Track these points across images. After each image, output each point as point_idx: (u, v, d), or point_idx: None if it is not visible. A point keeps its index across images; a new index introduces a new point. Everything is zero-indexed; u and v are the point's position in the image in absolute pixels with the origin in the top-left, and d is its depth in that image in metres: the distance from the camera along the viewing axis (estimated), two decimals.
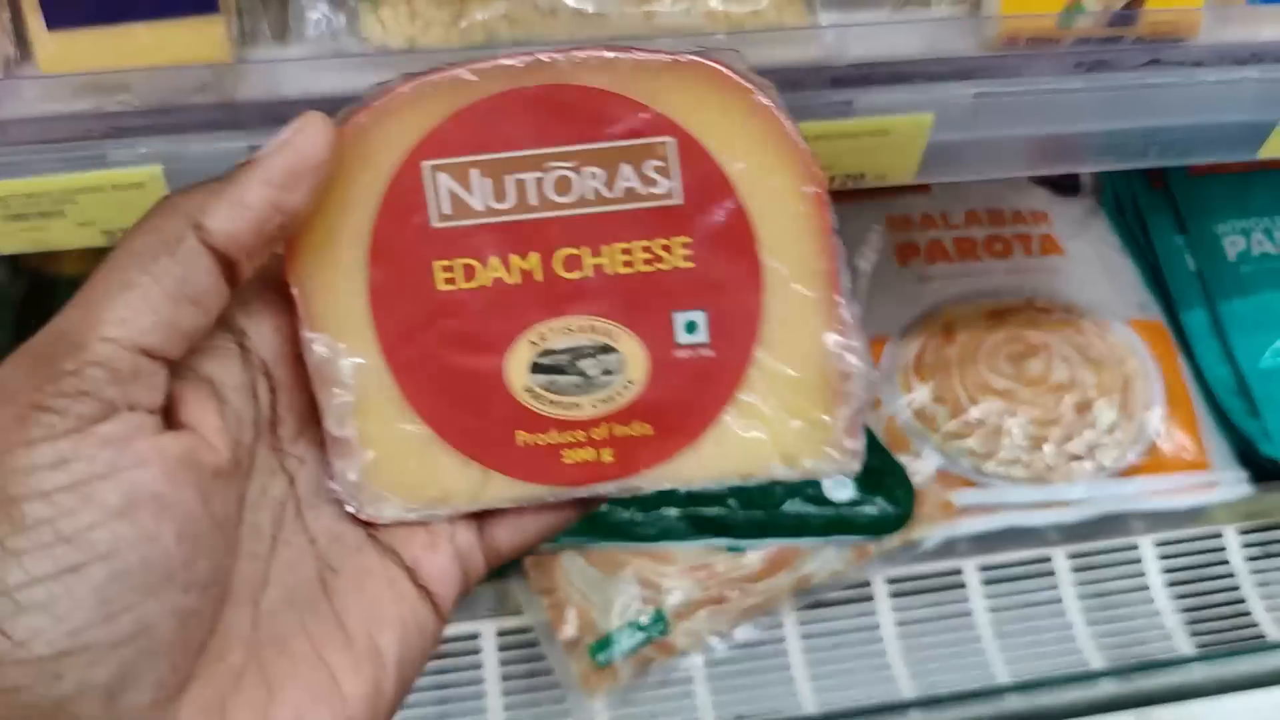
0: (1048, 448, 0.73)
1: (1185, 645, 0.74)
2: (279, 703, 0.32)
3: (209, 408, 0.33)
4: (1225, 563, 0.76)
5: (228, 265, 0.32)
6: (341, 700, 0.33)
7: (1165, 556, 0.76)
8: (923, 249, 0.78)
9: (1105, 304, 0.78)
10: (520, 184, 0.34)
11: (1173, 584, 0.75)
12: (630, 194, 0.34)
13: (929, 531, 0.70)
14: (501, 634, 0.70)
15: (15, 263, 0.76)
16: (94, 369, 0.29)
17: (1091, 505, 0.73)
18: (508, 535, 0.38)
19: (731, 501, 0.69)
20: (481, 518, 0.37)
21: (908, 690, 0.70)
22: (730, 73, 0.34)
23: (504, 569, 0.70)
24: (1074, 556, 0.75)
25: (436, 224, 0.34)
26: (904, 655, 0.71)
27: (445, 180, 0.34)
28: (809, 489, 0.69)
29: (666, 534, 0.68)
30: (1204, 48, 0.51)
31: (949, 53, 0.50)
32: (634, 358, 0.36)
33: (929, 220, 0.81)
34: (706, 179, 0.34)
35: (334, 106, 0.47)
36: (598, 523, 0.67)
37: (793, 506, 0.69)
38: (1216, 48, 0.52)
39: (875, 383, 0.35)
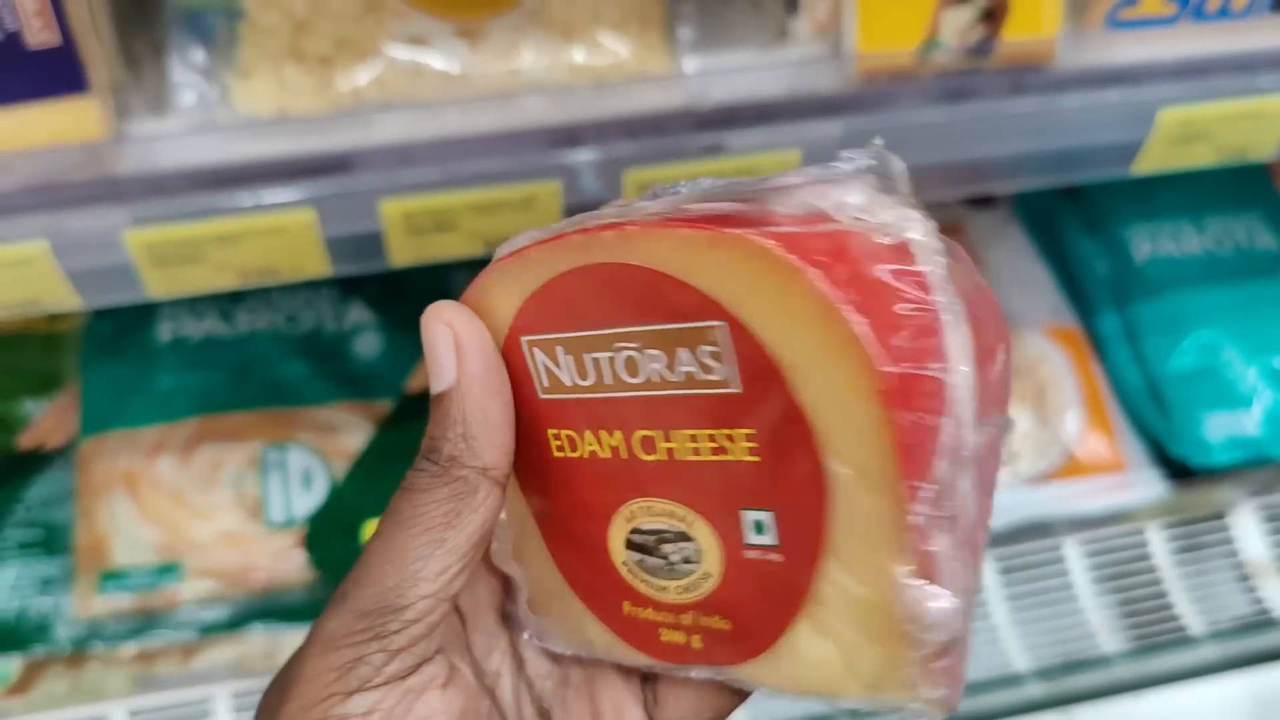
0: None
1: (1113, 643, 0.75)
2: None
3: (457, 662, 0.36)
4: (1148, 558, 0.78)
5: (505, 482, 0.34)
6: None
7: (1090, 555, 0.78)
8: None
9: (1020, 313, 0.79)
10: (596, 363, 0.33)
11: (1098, 582, 0.77)
12: (690, 379, 0.31)
13: None
14: None
15: None
16: (414, 627, 0.32)
17: (1010, 512, 0.74)
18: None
19: None
20: (652, 705, 0.37)
21: None
22: (778, 249, 0.29)
23: None
24: (999, 560, 0.77)
25: (541, 396, 0.34)
26: None
27: (540, 355, 0.33)
28: None
29: None
30: (1065, 73, 0.53)
31: (812, 91, 0.51)
32: (709, 550, 0.33)
33: None
34: (762, 373, 0.30)
35: (211, 177, 0.49)
36: None
37: None
38: (1077, 73, 0.53)
39: (963, 615, 0.30)
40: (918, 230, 0.28)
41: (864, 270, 0.28)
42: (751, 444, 0.31)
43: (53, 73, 0.46)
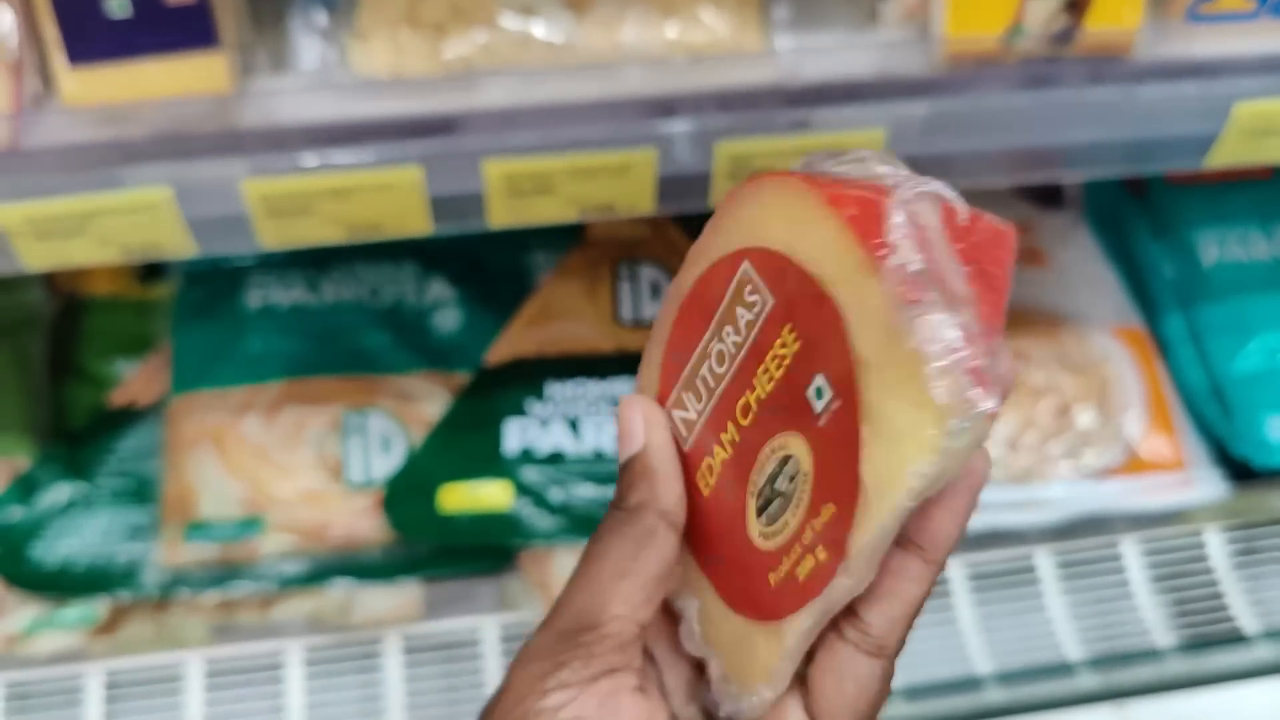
0: (1025, 450, 0.75)
1: (1167, 643, 0.76)
2: None
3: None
4: (1205, 560, 0.78)
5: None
6: None
7: (1147, 554, 0.78)
8: None
9: (1085, 312, 0.80)
10: (704, 378, 0.39)
11: (1155, 582, 0.78)
12: (750, 325, 0.37)
13: None
14: (503, 628, 0.73)
15: (50, 284, 0.81)
16: (607, 642, 0.37)
17: (1070, 506, 0.75)
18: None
19: None
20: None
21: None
22: (746, 183, 0.37)
23: (500, 565, 0.74)
24: (1057, 555, 0.78)
25: (686, 449, 0.40)
26: None
27: (677, 414, 0.40)
28: None
29: None
30: (1144, 64, 0.55)
31: (900, 73, 0.54)
32: (801, 452, 0.36)
33: None
34: (773, 266, 0.37)
35: (326, 133, 0.51)
36: (587, 521, 0.71)
37: None
38: (1155, 64, 0.55)
39: (958, 338, 0.33)
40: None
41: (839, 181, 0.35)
42: (794, 333, 0.36)
43: (187, 28, 0.49)
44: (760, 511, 0.37)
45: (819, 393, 0.36)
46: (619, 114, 0.52)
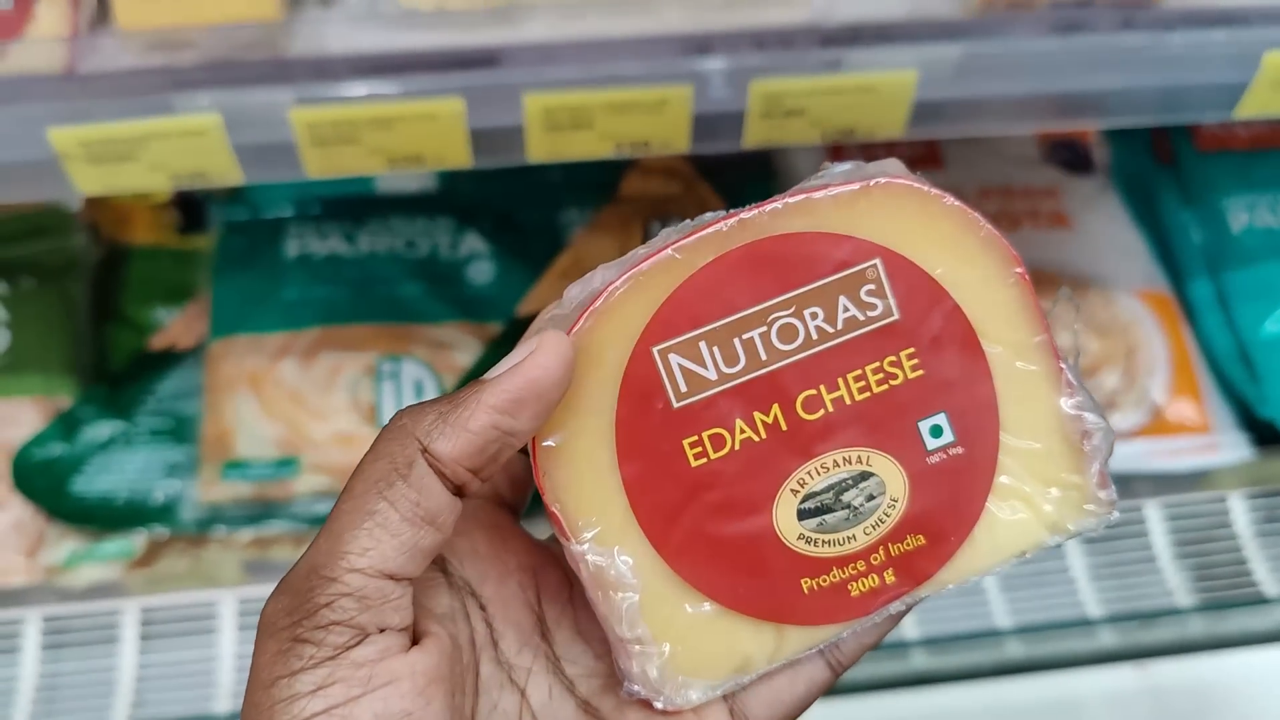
0: None
1: (1189, 606, 0.77)
2: None
3: (438, 629, 0.34)
4: (1228, 525, 0.79)
5: (457, 484, 0.32)
6: None
7: (1171, 519, 0.79)
8: None
9: (1112, 275, 0.81)
10: (748, 343, 0.35)
11: (1178, 547, 0.78)
12: (851, 323, 0.35)
13: None
14: None
15: (94, 231, 0.83)
16: (345, 600, 0.30)
17: None
18: (762, 709, 0.37)
19: None
20: (730, 697, 0.37)
21: (913, 634, 0.73)
22: (919, 185, 0.35)
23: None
24: None
25: (677, 404, 0.35)
26: None
27: (677, 360, 0.35)
28: None
29: None
30: (1174, 11, 0.55)
31: (932, 15, 0.54)
32: (891, 476, 0.36)
33: None
34: (917, 288, 0.35)
35: (371, 63, 0.53)
36: None
37: None
38: (1186, 12, 0.55)
39: (1112, 432, 0.37)
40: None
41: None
42: (914, 360, 0.36)
43: None
44: (811, 514, 0.36)
45: (936, 431, 0.36)
46: (656, 50, 0.53)
